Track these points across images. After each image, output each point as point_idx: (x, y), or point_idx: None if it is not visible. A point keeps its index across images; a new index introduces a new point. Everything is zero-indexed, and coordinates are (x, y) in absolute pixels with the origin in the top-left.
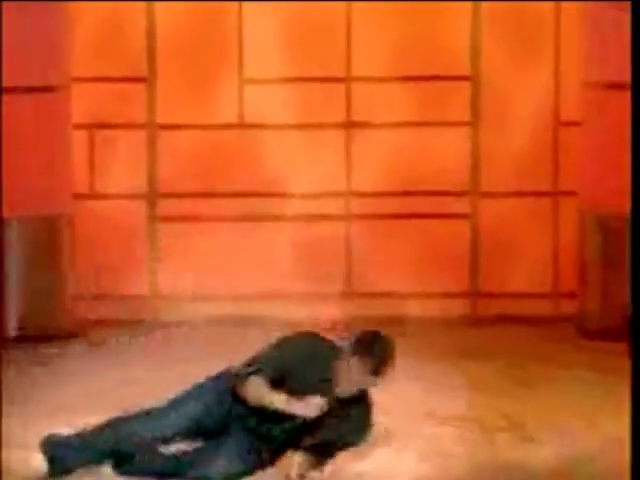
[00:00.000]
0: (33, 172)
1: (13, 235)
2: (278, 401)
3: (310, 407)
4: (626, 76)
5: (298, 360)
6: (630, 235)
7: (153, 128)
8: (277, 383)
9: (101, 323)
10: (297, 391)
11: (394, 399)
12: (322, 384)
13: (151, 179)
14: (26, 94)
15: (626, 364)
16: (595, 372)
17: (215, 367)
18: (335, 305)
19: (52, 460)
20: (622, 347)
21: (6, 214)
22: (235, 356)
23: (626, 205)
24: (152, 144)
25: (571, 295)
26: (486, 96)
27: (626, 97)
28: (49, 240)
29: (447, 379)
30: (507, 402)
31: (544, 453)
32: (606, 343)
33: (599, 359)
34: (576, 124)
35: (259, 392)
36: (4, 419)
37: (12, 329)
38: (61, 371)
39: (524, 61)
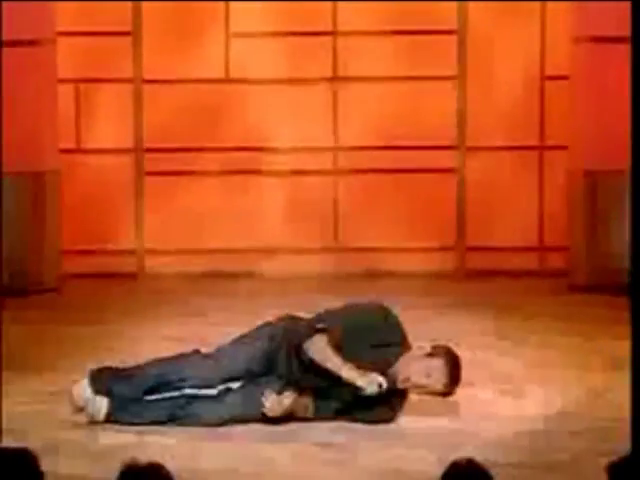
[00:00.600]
0: (18, 127)
1: None
2: (342, 368)
3: (373, 384)
4: (613, 30)
5: (362, 330)
6: (630, 191)
7: (139, 82)
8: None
9: (87, 277)
10: (352, 360)
11: None
12: (379, 363)
13: (137, 134)
14: (10, 48)
15: (612, 316)
16: (582, 325)
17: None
18: (321, 260)
19: (93, 380)
20: (608, 300)
21: None
22: (217, 313)
23: (614, 158)
24: (138, 99)
25: (558, 249)
26: (473, 50)
27: (613, 50)
28: (35, 196)
29: (434, 333)
30: (493, 356)
31: (530, 407)
32: (593, 296)
33: (586, 312)
34: (563, 78)
35: (324, 353)
36: None
37: None
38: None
39: (511, 15)
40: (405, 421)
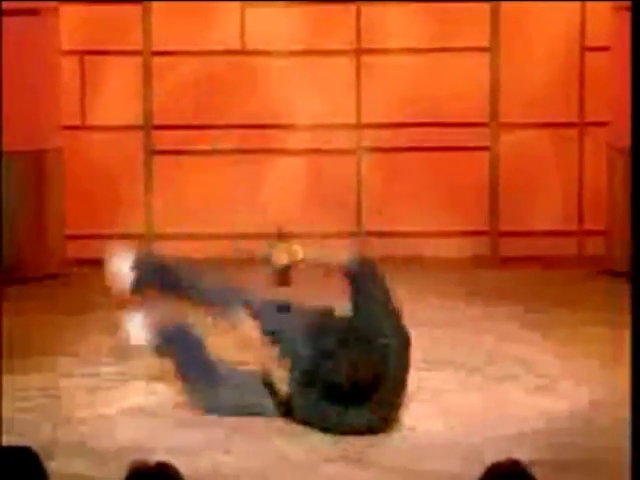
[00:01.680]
0: (19, 103)
1: None
2: None
3: None
4: None
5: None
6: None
7: (148, 55)
8: None
9: (92, 263)
10: None
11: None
12: None
13: (146, 110)
14: (10, 17)
15: None
16: (622, 315)
17: None
18: (343, 245)
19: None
20: None
21: None
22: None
23: None
24: (147, 72)
25: (598, 233)
26: (507, 19)
27: None
28: (37, 176)
29: (463, 323)
30: (526, 348)
31: (562, 402)
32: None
33: (626, 302)
34: (604, 49)
35: None
36: None
37: None
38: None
39: None
40: (431, 417)
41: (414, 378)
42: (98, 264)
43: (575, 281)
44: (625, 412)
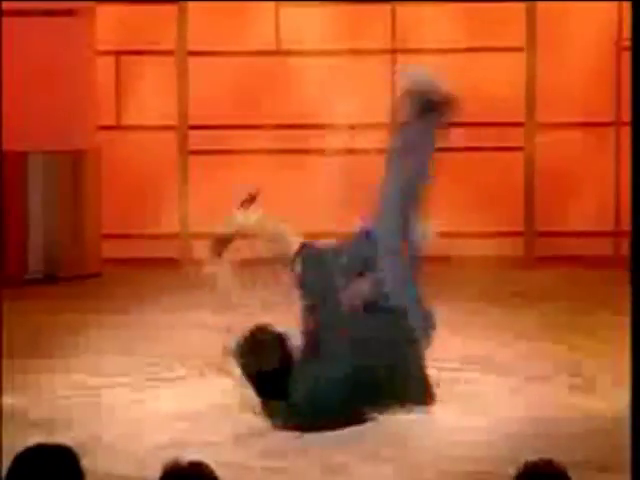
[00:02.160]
0: (55, 103)
1: (35, 171)
2: None
3: None
4: None
5: None
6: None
7: (183, 55)
8: None
9: (128, 263)
10: None
11: (445, 346)
12: None
13: (181, 110)
14: (45, 17)
15: None
16: None
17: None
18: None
19: None
20: None
21: (27, 148)
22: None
23: None
24: (183, 72)
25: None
26: (543, 18)
27: None
28: (74, 176)
29: (498, 325)
30: (563, 349)
31: (601, 403)
32: None
33: None
34: None
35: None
36: None
37: (35, 270)
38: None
39: None
40: (469, 415)
41: (450, 377)
42: (133, 263)
43: (611, 282)
44: None
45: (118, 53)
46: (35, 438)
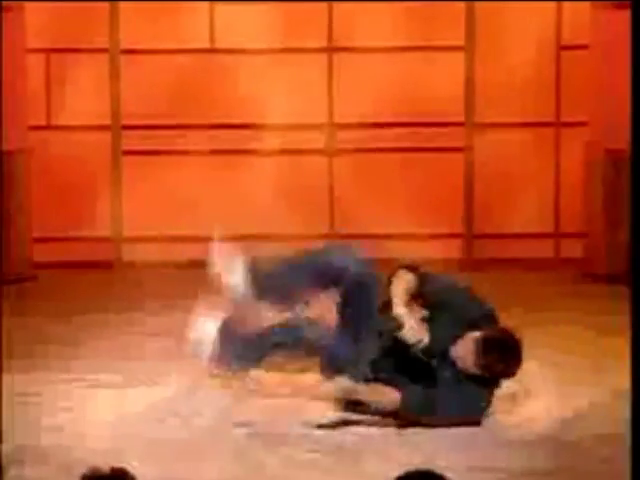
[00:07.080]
0: None
1: None
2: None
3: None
4: None
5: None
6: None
7: (116, 53)
8: None
9: (60, 267)
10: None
11: None
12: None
13: (114, 109)
14: None
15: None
16: (599, 317)
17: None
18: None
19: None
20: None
21: None
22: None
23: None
24: (115, 70)
25: (575, 236)
26: (482, 17)
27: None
28: (2, 177)
29: None
30: None
31: (537, 407)
32: (612, 287)
33: (604, 305)
34: (582, 48)
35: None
36: None
37: None
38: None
39: None
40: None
41: None
42: (64, 267)
43: (551, 283)
44: (606, 416)
45: (49, 51)
46: None
